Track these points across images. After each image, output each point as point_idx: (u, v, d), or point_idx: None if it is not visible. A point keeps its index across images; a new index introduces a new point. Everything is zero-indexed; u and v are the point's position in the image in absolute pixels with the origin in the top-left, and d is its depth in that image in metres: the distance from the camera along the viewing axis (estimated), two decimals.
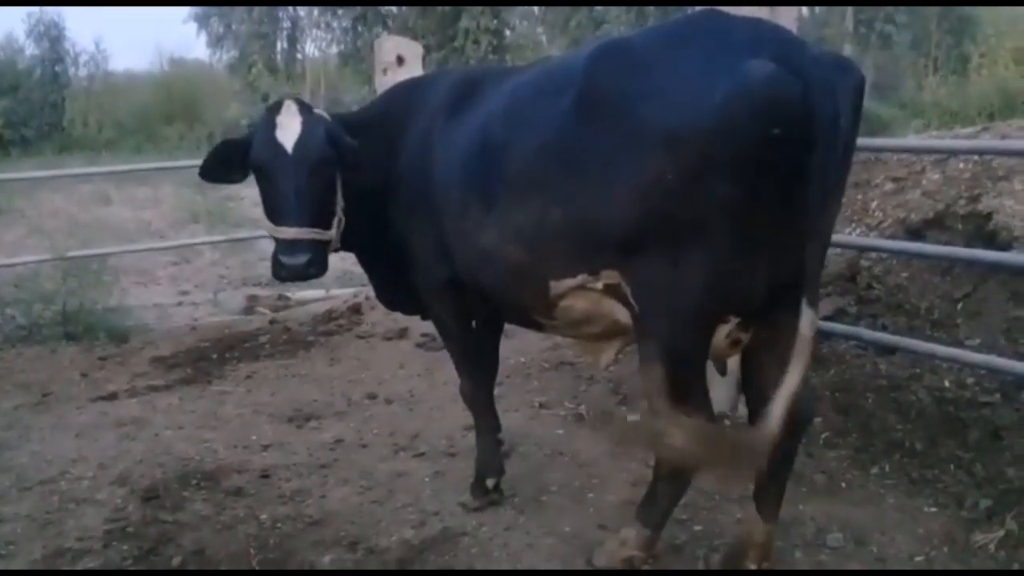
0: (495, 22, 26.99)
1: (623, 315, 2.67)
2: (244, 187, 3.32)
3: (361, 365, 5.49)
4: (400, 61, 6.05)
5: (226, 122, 23.61)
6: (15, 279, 6.47)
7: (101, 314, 6.26)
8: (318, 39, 35.37)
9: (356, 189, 3.26)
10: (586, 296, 2.73)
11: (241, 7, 32.38)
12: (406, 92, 3.61)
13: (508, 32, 28.99)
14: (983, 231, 4.64)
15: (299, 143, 3.08)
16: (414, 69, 6.02)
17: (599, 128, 2.51)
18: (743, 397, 3.39)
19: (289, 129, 3.10)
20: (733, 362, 3.20)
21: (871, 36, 29.60)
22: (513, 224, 2.78)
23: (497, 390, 3.74)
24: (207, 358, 5.70)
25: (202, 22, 35.35)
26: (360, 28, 31.48)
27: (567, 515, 3.43)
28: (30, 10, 25.52)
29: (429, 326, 4.33)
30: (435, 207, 3.12)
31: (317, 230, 3.13)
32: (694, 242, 2.39)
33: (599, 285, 2.66)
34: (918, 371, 4.31)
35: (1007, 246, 4.45)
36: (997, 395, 4.00)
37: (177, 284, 8.99)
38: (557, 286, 2.74)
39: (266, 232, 3.21)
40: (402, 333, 5.96)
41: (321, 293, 7.44)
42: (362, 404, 4.79)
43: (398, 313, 3.97)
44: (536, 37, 31.72)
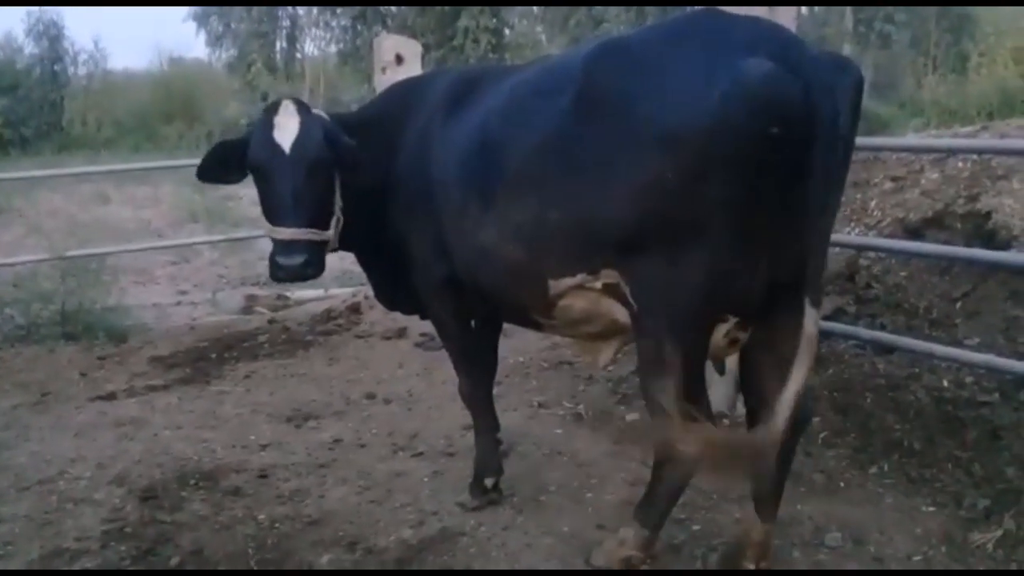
0: (494, 21, 27.00)
1: (622, 314, 2.66)
2: (243, 186, 3.31)
3: (360, 365, 5.49)
4: (399, 60, 6.05)
5: (225, 121, 23.61)
6: (14, 278, 6.47)
7: (100, 314, 6.26)
8: (317, 38, 35.47)
9: (355, 189, 3.25)
10: (585, 295, 2.72)
11: (240, 6, 32.38)
12: (405, 91, 3.60)
13: (507, 31, 29.00)
14: (982, 230, 4.65)
15: (296, 143, 3.07)
16: (413, 68, 6.01)
17: (598, 127, 2.50)
18: (741, 396, 3.40)
19: (287, 129, 3.08)
20: (731, 361, 3.20)
21: (870, 35, 29.63)
22: (512, 223, 2.77)
23: (496, 389, 3.74)
24: (206, 358, 5.69)
25: (201, 21, 35.38)
26: (359, 27, 31.51)
27: (565, 515, 3.42)
28: (29, 9, 25.58)
29: (428, 326, 4.32)
30: (434, 206, 3.11)
31: (314, 231, 3.11)
32: (693, 241, 2.39)
33: (598, 284, 2.66)
34: (917, 370, 4.31)
35: (1006, 245, 4.45)
36: (996, 394, 4.00)
37: (176, 284, 8.98)
38: (556, 285, 2.74)
39: (264, 232, 3.21)
40: (401, 333, 5.96)
41: (320, 293, 7.44)
42: (361, 404, 4.79)
43: (397, 313, 3.96)
44: (535, 36, 31.73)
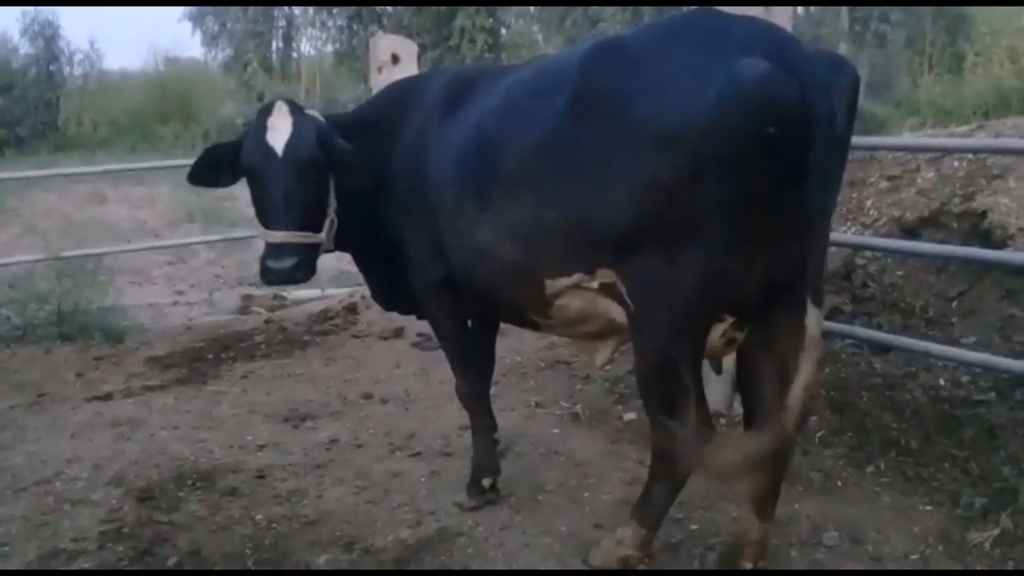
0: (491, 21, 26.98)
1: (619, 314, 2.66)
2: (240, 186, 3.30)
3: (357, 365, 5.49)
4: (395, 60, 6.04)
5: (221, 121, 23.55)
6: (10, 279, 6.45)
7: (96, 314, 6.25)
8: (313, 38, 35.42)
9: (351, 189, 3.24)
10: (582, 295, 2.72)
11: (236, 6, 32.32)
12: (401, 91, 3.59)
13: (504, 31, 28.98)
14: (978, 229, 4.66)
15: (289, 145, 3.05)
16: (409, 68, 6.01)
17: (594, 127, 2.51)
18: (738, 396, 3.40)
19: (279, 131, 3.07)
20: (728, 361, 3.20)
21: (866, 35, 29.66)
22: (508, 223, 2.77)
23: (493, 389, 3.74)
24: (202, 358, 5.69)
25: (197, 21, 35.31)
26: (355, 27, 31.47)
27: (563, 514, 3.42)
28: (25, 9, 25.47)
29: (425, 326, 4.31)
30: (430, 206, 3.11)
31: (305, 233, 3.09)
32: (689, 241, 2.39)
33: (595, 284, 2.66)
34: (913, 369, 4.32)
35: (1002, 244, 4.46)
36: (992, 393, 4.01)
37: (172, 284, 8.97)
38: (553, 285, 2.74)
39: (257, 235, 3.19)
40: (398, 333, 5.96)
41: (317, 293, 7.43)
42: (358, 404, 4.79)
43: (394, 313, 3.96)
44: (532, 36, 31.74)
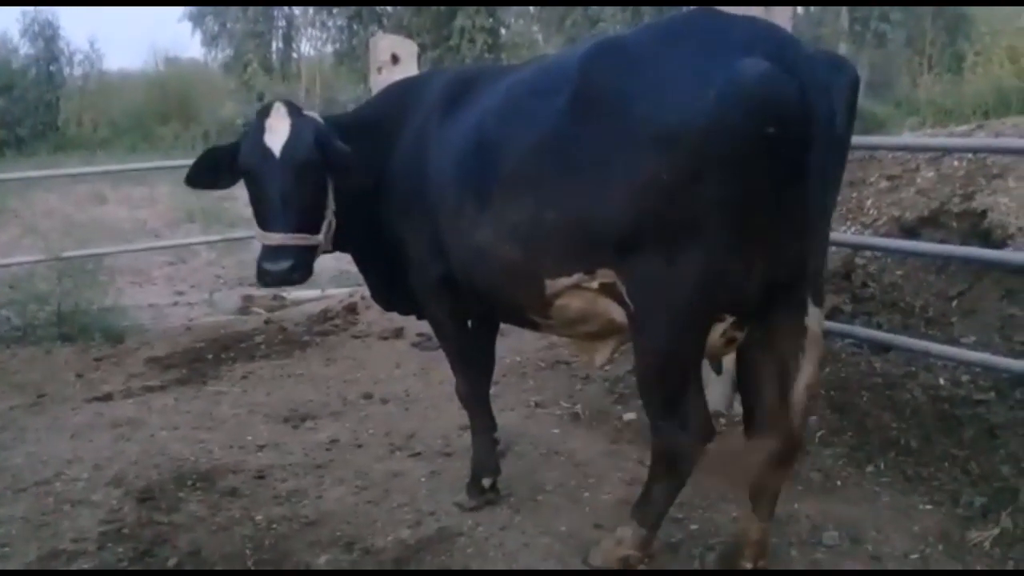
0: (490, 20, 26.95)
1: (618, 314, 2.67)
2: (240, 186, 3.29)
3: (357, 365, 5.49)
4: (395, 60, 6.04)
5: (221, 121, 23.54)
6: (10, 280, 6.45)
7: (96, 314, 6.25)
8: (313, 38, 35.39)
9: (351, 190, 3.23)
10: (582, 295, 2.72)
11: (236, 6, 32.31)
12: (401, 91, 3.59)
13: (503, 31, 28.96)
14: (978, 229, 4.66)
15: (287, 147, 3.04)
16: (409, 68, 6.01)
17: (594, 127, 2.51)
18: (738, 395, 3.40)
19: (277, 132, 3.06)
20: (728, 360, 3.20)
21: (866, 34, 29.64)
22: (508, 223, 2.77)
23: (493, 389, 3.74)
24: (203, 358, 5.69)
25: (197, 21, 35.28)
26: (355, 27, 31.45)
27: (563, 514, 3.42)
28: (24, 10, 25.43)
29: (425, 326, 4.31)
30: (430, 206, 3.10)
31: (302, 235, 3.08)
32: (689, 241, 2.39)
33: (595, 284, 2.66)
34: (913, 369, 4.32)
35: (1002, 244, 4.47)
36: (992, 393, 4.01)
37: (173, 284, 8.97)
38: (553, 285, 2.74)
39: (255, 236, 3.19)
40: (398, 333, 5.96)
41: (317, 293, 7.43)
42: (358, 404, 4.79)
43: (394, 313, 3.96)
44: (532, 35, 31.72)
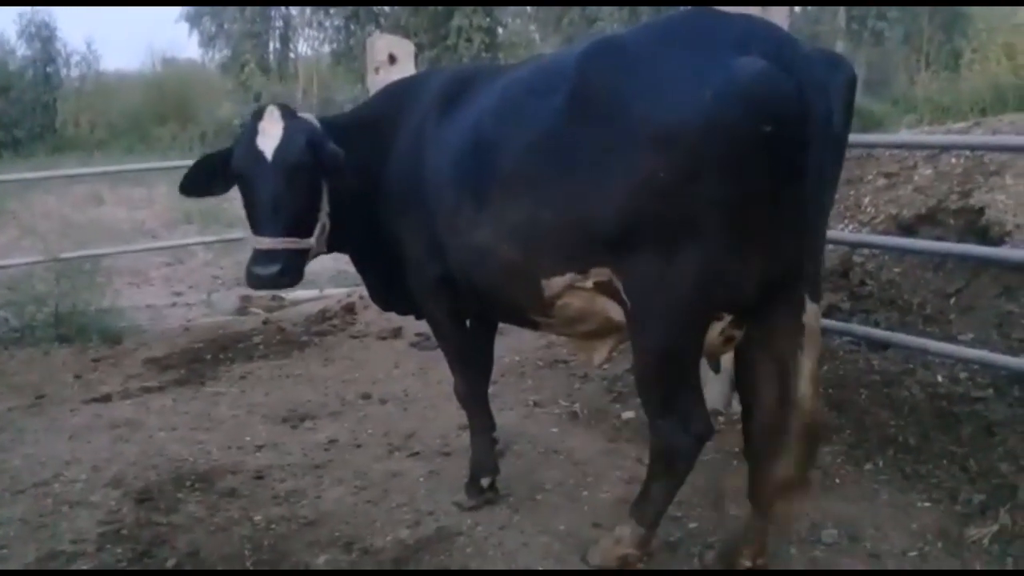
0: (488, 20, 26.92)
1: (617, 313, 2.67)
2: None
3: (355, 365, 5.49)
4: (392, 60, 6.03)
5: (219, 122, 23.51)
6: (8, 281, 6.44)
7: (94, 315, 6.25)
8: (310, 38, 35.30)
9: (348, 191, 3.22)
10: (580, 294, 2.73)
11: (233, 6, 32.28)
12: (398, 91, 3.59)
13: (501, 30, 28.92)
14: (975, 226, 4.67)
15: (279, 150, 3.03)
16: (406, 68, 6.00)
17: (591, 126, 2.51)
18: (736, 394, 3.40)
19: (270, 136, 3.04)
20: (727, 359, 3.20)
21: (863, 32, 29.65)
22: (506, 222, 2.77)
23: (491, 389, 3.74)
24: (201, 359, 5.68)
25: (194, 22, 35.22)
26: (352, 27, 31.40)
27: (562, 513, 3.42)
28: (21, 11, 25.37)
29: (423, 325, 4.31)
30: (428, 206, 3.10)
31: (293, 239, 3.06)
32: (687, 239, 2.40)
33: (589, 283, 2.66)
34: (911, 366, 4.33)
35: (999, 241, 4.47)
36: (990, 390, 4.01)
37: (170, 285, 8.95)
38: (550, 284, 2.74)
39: (247, 239, 3.17)
40: (396, 333, 5.96)
41: (315, 293, 7.43)
42: (356, 404, 4.79)
43: (392, 313, 3.96)
44: (529, 35, 31.68)
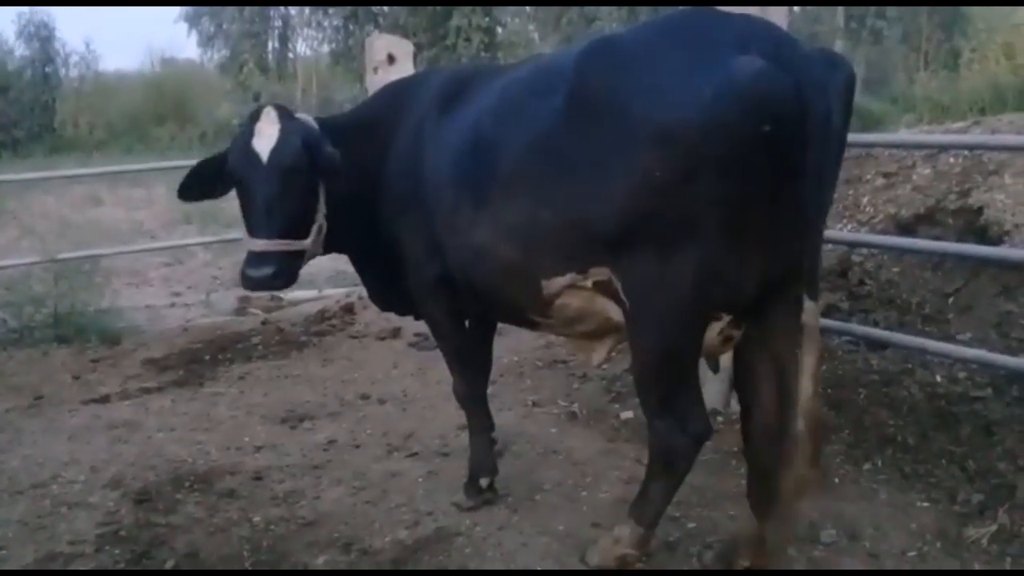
0: (486, 20, 26.92)
1: (615, 313, 2.67)
2: None
3: (354, 365, 5.48)
4: (391, 60, 6.02)
5: (218, 122, 23.53)
6: (6, 281, 6.43)
7: (93, 316, 6.24)
8: (309, 38, 35.28)
9: (347, 191, 3.21)
10: (579, 294, 2.72)
11: (232, 6, 32.27)
12: (397, 91, 3.58)
13: (500, 30, 28.92)
14: (974, 226, 4.67)
15: (275, 152, 3.01)
16: (405, 67, 5.99)
17: (590, 125, 2.50)
18: (735, 394, 3.40)
19: (266, 137, 3.03)
20: (726, 359, 3.20)
21: (862, 31, 29.66)
22: (505, 222, 2.77)
23: (490, 389, 3.74)
24: (199, 360, 5.68)
25: (193, 22, 35.19)
26: (351, 27, 31.39)
27: (561, 514, 3.42)
28: (20, 11, 25.38)
29: (422, 325, 4.31)
30: (427, 206, 3.10)
31: (287, 241, 3.04)
32: (685, 239, 2.39)
33: (588, 283, 2.66)
34: (910, 366, 4.33)
35: (998, 240, 4.47)
36: (988, 389, 4.02)
37: (169, 285, 8.93)
38: (549, 284, 2.74)
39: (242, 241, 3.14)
40: (395, 333, 5.96)
41: (314, 293, 7.42)
42: (355, 404, 4.78)
43: (391, 313, 3.95)
44: (528, 34, 31.66)
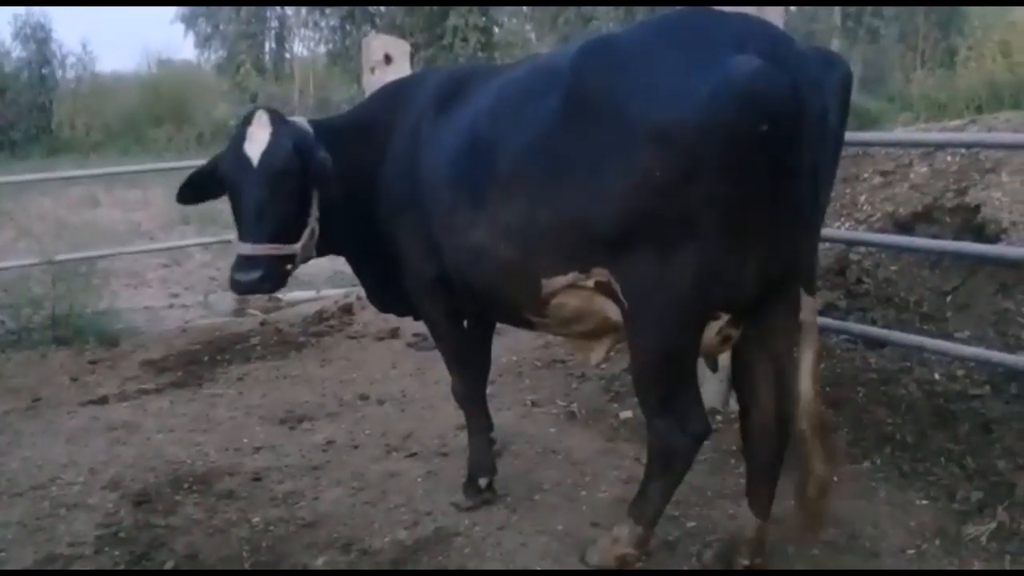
0: (483, 19, 26.96)
1: (614, 312, 2.67)
2: None
3: (352, 365, 5.48)
4: (388, 60, 6.02)
5: (215, 123, 23.52)
6: (4, 283, 6.43)
7: (91, 318, 6.24)
8: (306, 38, 35.33)
9: (343, 194, 3.20)
10: (577, 294, 2.72)
11: (228, 7, 32.26)
12: (394, 92, 3.58)
13: (496, 29, 28.96)
14: (971, 224, 4.67)
15: (265, 156, 3.00)
16: (402, 68, 5.99)
17: (587, 125, 2.50)
18: (734, 393, 3.40)
19: (256, 141, 3.02)
20: (724, 358, 3.20)
21: (859, 30, 29.73)
22: (503, 223, 2.77)
23: (489, 389, 3.73)
24: (198, 361, 5.67)
25: (189, 23, 35.21)
26: (348, 27, 31.44)
27: (560, 513, 3.42)
28: (16, 12, 25.38)
29: (421, 326, 4.31)
30: (424, 206, 3.09)
31: (276, 246, 3.03)
32: (683, 238, 2.39)
33: (590, 283, 2.66)
34: (908, 364, 4.33)
35: (995, 238, 4.48)
36: (987, 387, 4.02)
37: (167, 286, 8.92)
38: (549, 284, 2.74)
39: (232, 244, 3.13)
40: (393, 333, 5.95)
41: (312, 294, 7.42)
42: (354, 405, 4.78)
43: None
44: (525, 34, 31.69)
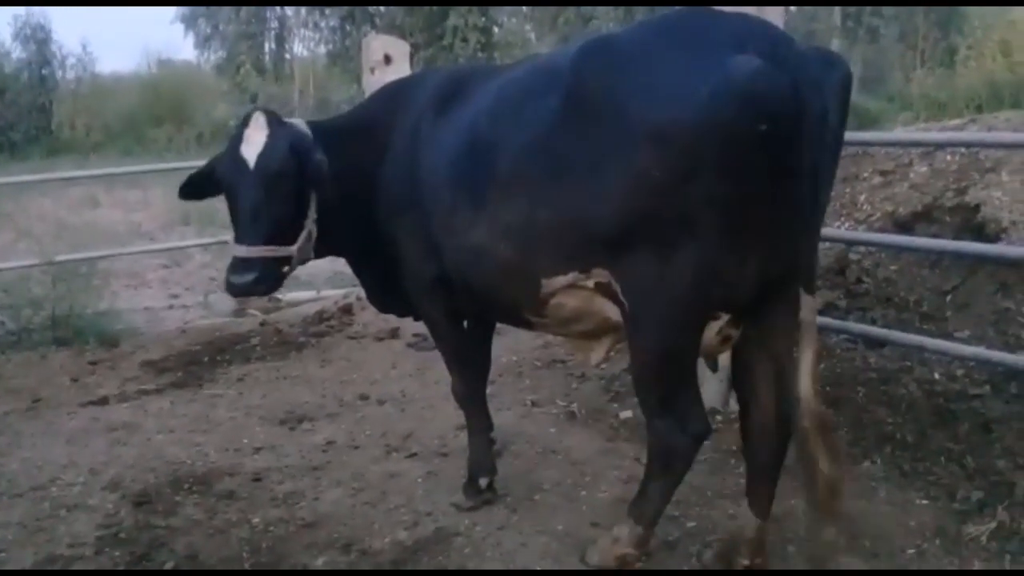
0: (483, 19, 26.97)
1: (614, 313, 2.66)
2: None
3: (352, 366, 5.48)
4: (388, 60, 6.02)
5: (215, 123, 23.55)
6: (4, 284, 6.42)
7: (91, 318, 6.24)
8: (306, 39, 35.37)
9: (342, 195, 3.19)
10: (577, 294, 2.72)
11: (228, 7, 32.27)
12: (394, 92, 3.57)
13: (496, 29, 28.99)
14: (971, 223, 4.67)
15: (261, 158, 3.00)
16: (402, 68, 5.99)
17: (587, 125, 2.50)
18: (734, 393, 3.40)
19: (253, 143, 3.02)
20: (724, 357, 3.20)
21: (859, 30, 29.74)
22: (503, 223, 2.77)
23: (489, 389, 3.73)
24: (198, 361, 5.67)
25: (189, 23, 35.25)
26: (348, 27, 31.47)
27: (560, 513, 3.42)
28: (16, 13, 25.43)
29: (421, 326, 4.31)
30: (424, 206, 3.09)
31: (271, 248, 3.01)
32: (683, 238, 2.39)
33: (590, 283, 2.66)
34: (908, 364, 4.33)
35: (995, 238, 4.47)
36: (987, 387, 4.02)
37: (167, 287, 8.93)
38: (548, 284, 2.74)
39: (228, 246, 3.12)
40: (393, 333, 5.95)
41: (312, 294, 7.42)
42: (354, 405, 4.78)
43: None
44: (524, 34, 31.72)
